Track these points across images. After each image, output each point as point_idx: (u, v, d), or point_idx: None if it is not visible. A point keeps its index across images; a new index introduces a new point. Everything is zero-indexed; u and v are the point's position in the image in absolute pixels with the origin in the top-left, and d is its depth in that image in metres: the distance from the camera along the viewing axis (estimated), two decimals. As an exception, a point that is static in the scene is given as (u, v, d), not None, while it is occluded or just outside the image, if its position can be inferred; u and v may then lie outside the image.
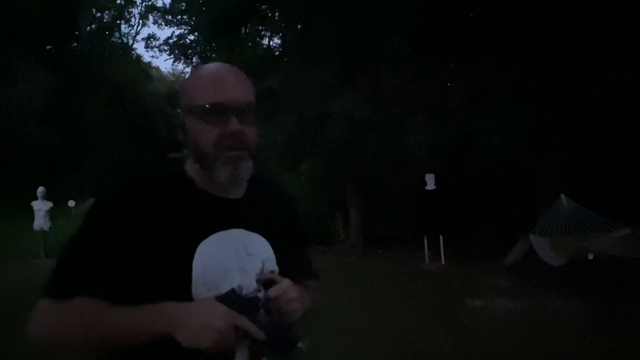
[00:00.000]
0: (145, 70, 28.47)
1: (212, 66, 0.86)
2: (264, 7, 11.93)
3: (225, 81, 0.82)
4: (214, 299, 0.74)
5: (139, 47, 71.86)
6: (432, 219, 7.35)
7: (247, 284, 0.79)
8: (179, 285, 0.76)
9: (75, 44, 23.37)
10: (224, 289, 0.76)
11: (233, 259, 0.81)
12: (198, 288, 0.77)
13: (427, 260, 7.56)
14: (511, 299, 5.31)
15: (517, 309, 5.01)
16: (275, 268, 0.85)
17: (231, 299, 0.73)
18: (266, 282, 0.80)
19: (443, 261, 7.42)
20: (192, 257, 0.78)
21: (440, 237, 7.38)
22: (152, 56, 75.18)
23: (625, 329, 4.11)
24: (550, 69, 6.78)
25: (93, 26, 24.68)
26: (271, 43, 14.78)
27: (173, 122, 0.87)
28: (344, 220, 9.67)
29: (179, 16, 18.74)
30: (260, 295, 0.78)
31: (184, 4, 16.30)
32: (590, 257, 5.25)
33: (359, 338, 4.04)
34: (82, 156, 19.10)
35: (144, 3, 25.93)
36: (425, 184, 7.64)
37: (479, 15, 8.51)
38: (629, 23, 6.10)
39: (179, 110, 0.85)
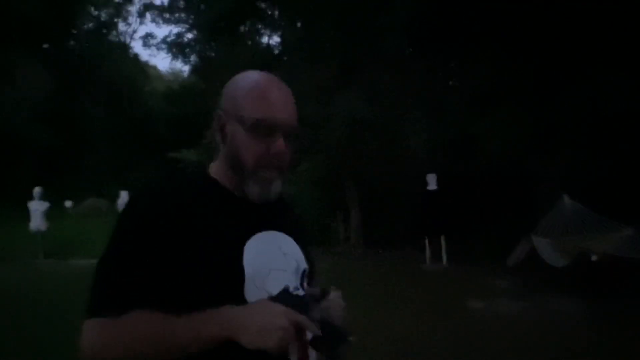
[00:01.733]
0: (143, 68, 28.37)
1: (266, 79, 0.86)
2: (263, 5, 11.89)
3: (281, 101, 0.84)
4: (269, 300, 0.75)
5: (137, 46, 71.69)
6: (434, 219, 7.32)
7: (288, 282, 0.82)
8: (233, 287, 0.77)
9: (73, 43, 23.26)
10: (271, 288, 0.79)
11: (273, 258, 0.84)
12: (249, 288, 0.78)
13: (428, 260, 7.54)
14: (513, 299, 5.29)
15: (519, 309, 5.00)
16: (307, 266, 0.89)
17: (285, 297, 0.75)
18: (318, 294, 0.83)
19: (444, 262, 7.40)
20: (242, 258, 0.79)
21: (442, 237, 7.36)
22: (150, 54, 74.99)
23: (628, 330, 4.09)
24: (552, 69, 6.76)
25: (90, 24, 24.56)
26: (270, 42, 14.74)
27: (213, 121, 0.87)
28: (344, 221, 9.64)
29: (177, 14, 18.66)
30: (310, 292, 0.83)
31: (182, 2, 16.23)
32: (593, 257, 5.23)
33: (359, 339, 4.00)
34: (79, 156, 19.01)
35: (142, 1, 25.82)
36: (426, 184, 7.62)
37: (480, 14, 8.48)
38: (631, 23, 6.08)
39: (220, 112, 0.85)
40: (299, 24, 10.77)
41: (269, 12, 12.29)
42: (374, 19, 8.50)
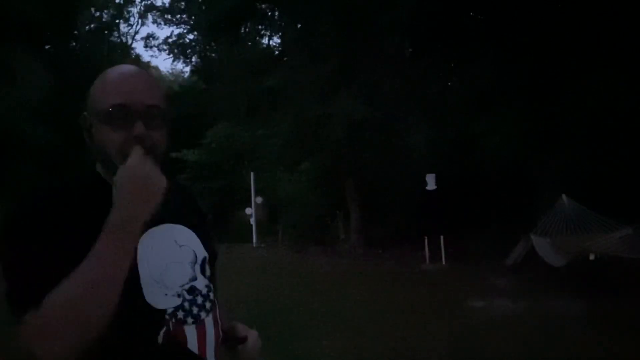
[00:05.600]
0: (144, 69, 28.39)
1: (117, 68, 0.85)
2: (263, 6, 11.91)
3: (130, 83, 0.81)
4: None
5: (138, 47, 71.78)
6: (433, 219, 7.33)
7: (184, 274, 0.84)
8: (131, 287, 0.75)
9: (74, 44, 23.31)
10: (169, 281, 0.81)
11: (168, 252, 0.83)
12: (149, 284, 0.79)
13: (427, 260, 7.55)
14: (512, 299, 5.30)
15: (517, 309, 5.00)
16: (206, 255, 0.89)
17: None
18: (235, 339, 0.89)
19: (443, 261, 7.41)
20: (136, 257, 0.77)
21: (441, 237, 7.36)
22: (152, 55, 74.99)
23: (627, 329, 4.09)
24: (551, 69, 6.76)
25: (92, 25, 24.60)
26: (271, 42, 14.78)
27: (80, 124, 0.85)
28: (344, 221, 9.65)
29: (178, 15, 18.75)
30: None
31: (183, 3, 16.29)
32: (592, 257, 5.23)
33: (359, 338, 4.03)
34: (79, 156, 19.05)
35: (143, 2, 25.86)
36: (425, 184, 7.63)
37: (480, 15, 8.49)
38: (629, 24, 6.08)
39: (85, 114, 0.85)
40: (299, 25, 10.79)
41: (269, 13, 12.32)
42: (374, 19, 8.51)
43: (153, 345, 0.77)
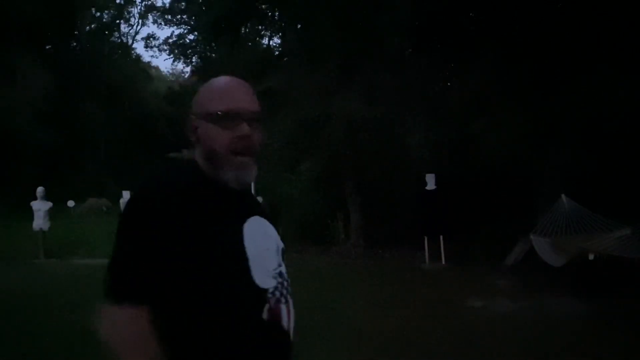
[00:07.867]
0: (145, 69, 28.42)
1: (223, 79, 1.02)
2: (263, 6, 11.93)
3: (240, 92, 0.98)
4: None
5: (139, 47, 71.90)
6: (433, 219, 7.34)
7: (274, 260, 0.97)
8: (241, 267, 0.88)
9: (75, 44, 23.33)
10: (268, 265, 0.93)
11: (263, 240, 0.96)
12: (254, 266, 0.89)
13: (427, 260, 7.56)
14: (511, 299, 5.30)
15: (517, 309, 5.00)
16: (283, 246, 1.03)
17: None
18: None
19: (443, 261, 7.41)
20: (243, 240, 0.90)
21: (441, 237, 7.37)
22: (152, 56, 74.93)
23: (626, 329, 4.10)
24: (551, 68, 6.77)
25: (92, 26, 24.64)
26: (271, 43, 14.82)
27: (186, 124, 1.00)
28: (344, 220, 9.65)
29: (179, 16, 18.79)
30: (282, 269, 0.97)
31: (183, 3, 16.32)
32: (591, 257, 5.24)
33: (359, 338, 4.04)
34: (81, 156, 19.06)
35: (144, 2, 25.91)
36: (425, 184, 7.64)
37: (480, 14, 8.50)
38: (629, 22, 6.09)
39: (192, 116, 0.99)
40: (298, 26, 10.80)
41: (269, 14, 12.34)
42: (374, 19, 8.52)
43: (258, 321, 0.88)
